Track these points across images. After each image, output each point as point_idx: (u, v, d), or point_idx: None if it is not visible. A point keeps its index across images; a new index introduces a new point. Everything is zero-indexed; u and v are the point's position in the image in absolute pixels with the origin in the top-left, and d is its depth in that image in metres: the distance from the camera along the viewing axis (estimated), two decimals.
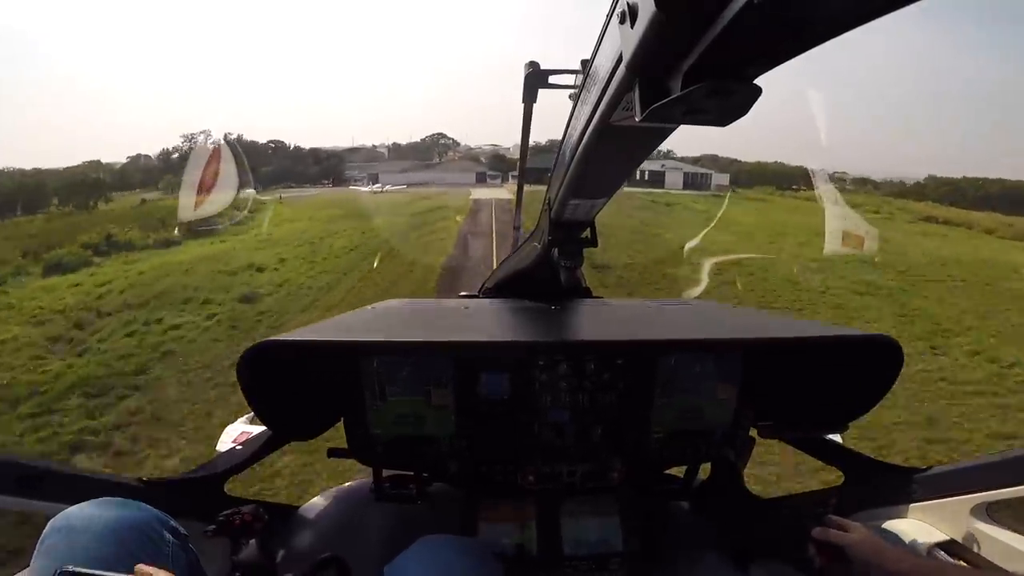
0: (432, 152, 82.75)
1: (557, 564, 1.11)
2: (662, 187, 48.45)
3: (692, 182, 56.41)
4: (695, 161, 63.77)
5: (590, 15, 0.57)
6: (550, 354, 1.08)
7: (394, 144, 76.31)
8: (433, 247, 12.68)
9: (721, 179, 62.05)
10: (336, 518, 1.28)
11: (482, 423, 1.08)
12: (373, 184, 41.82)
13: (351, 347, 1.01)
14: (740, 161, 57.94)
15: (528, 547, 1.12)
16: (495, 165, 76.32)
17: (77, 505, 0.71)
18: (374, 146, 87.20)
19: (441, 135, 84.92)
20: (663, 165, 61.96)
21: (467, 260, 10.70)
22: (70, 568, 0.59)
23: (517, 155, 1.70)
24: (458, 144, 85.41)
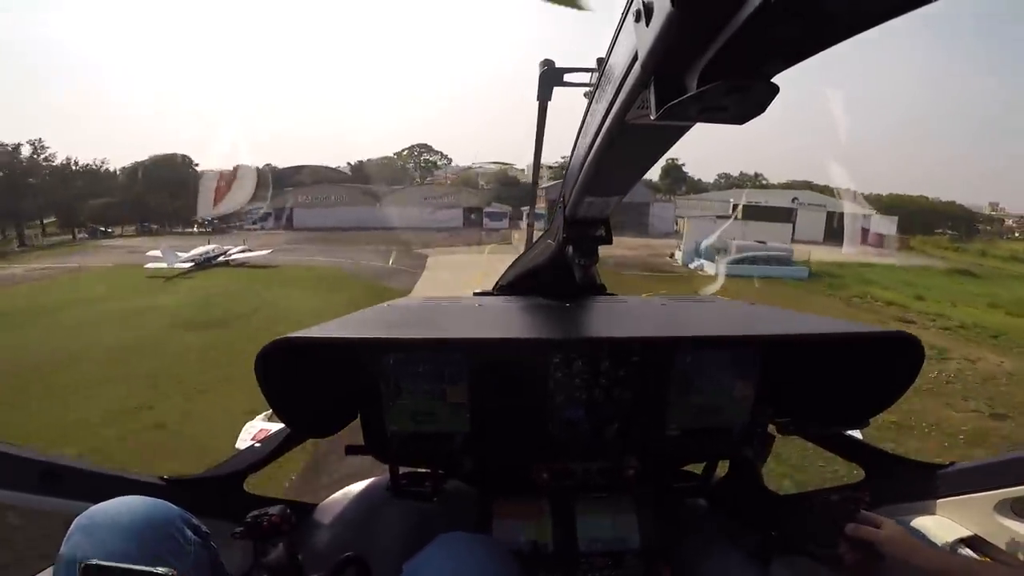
0: (407, 173, 48.08)
1: (573, 561, 1.23)
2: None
3: (833, 226, 38.96)
4: (786, 188, 46.16)
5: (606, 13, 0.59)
6: (565, 351, 1.21)
7: (357, 163, 43.85)
8: None
9: (882, 225, 40.32)
10: (354, 515, 1.40)
11: (497, 420, 1.22)
12: (201, 251, 23.98)
13: (367, 344, 1.15)
14: (852, 193, 41.71)
15: (543, 544, 1.25)
16: (503, 192, 53.80)
17: (101, 503, 0.81)
18: (352, 163, 66.33)
19: (424, 147, 53.58)
20: (795, 200, 42.59)
21: None
22: (94, 562, 0.66)
23: (533, 160, 1.87)
24: (449, 161, 53.01)
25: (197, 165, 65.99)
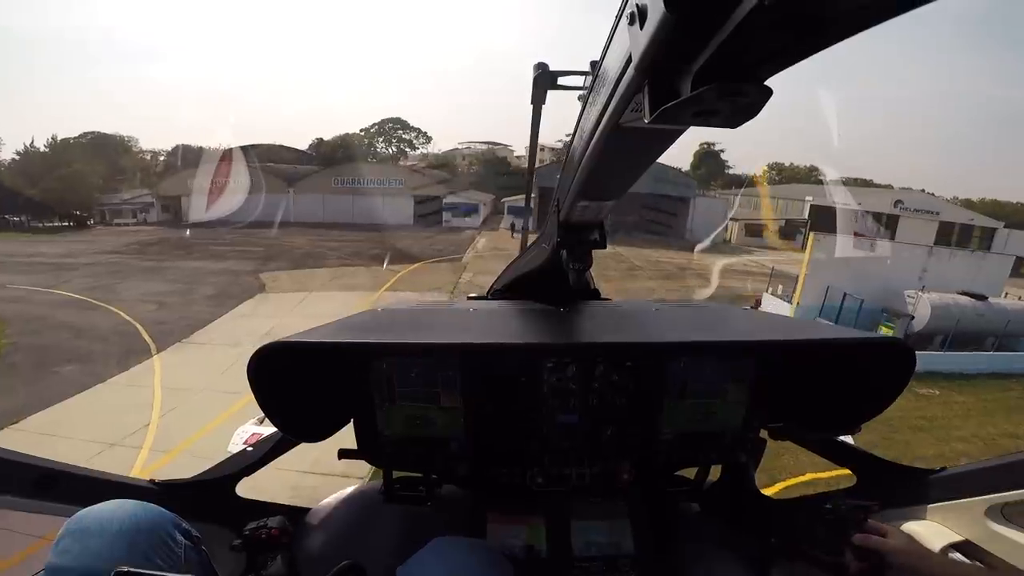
0: (375, 152, 29.23)
1: (567, 566, 1.31)
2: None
3: (947, 240, 29.33)
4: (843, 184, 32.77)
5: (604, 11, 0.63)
6: (559, 356, 1.31)
7: (316, 141, 26.04)
8: None
9: (1014, 243, 30.29)
10: (347, 520, 1.48)
11: (491, 425, 1.33)
12: None
13: (361, 348, 1.24)
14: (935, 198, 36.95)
15: (538, 549, 1.34)
16: (490, 179, 42.64)
17: (90, 507, 0.86)
18: (321, 139, 52.96)
19: (398, 123, 35.15)
20: (898, 205, 31.07)
21: None
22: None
23: (527, 162, 1.95)
24: (428, 140, 35.23)
25: (131, 143, 53.70)
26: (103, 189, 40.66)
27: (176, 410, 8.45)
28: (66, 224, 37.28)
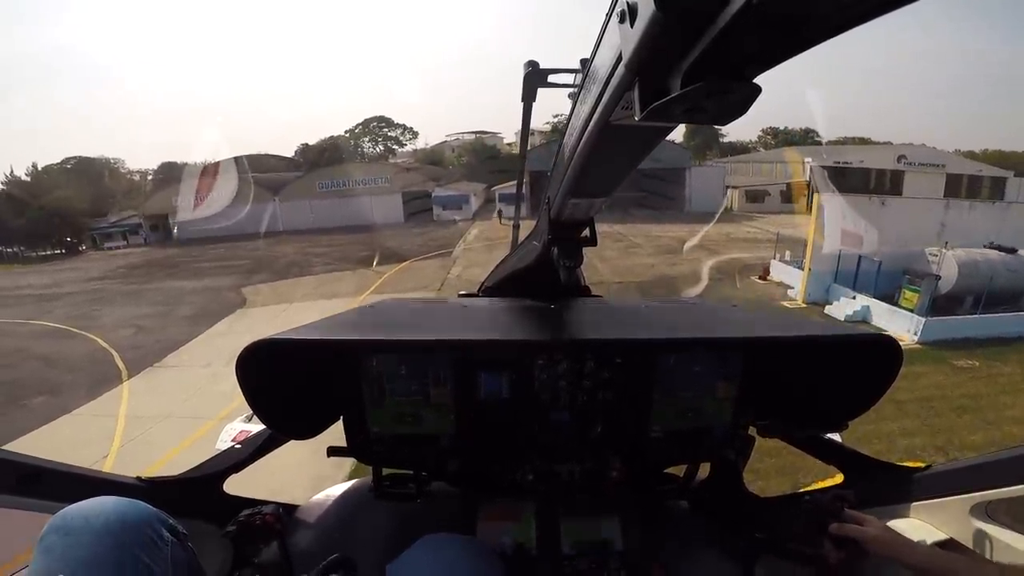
0: (362, 153, 28.24)
1: (556, 563, 1.35)
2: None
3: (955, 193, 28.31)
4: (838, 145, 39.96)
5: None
6: (549, 353, 1.31)
7: (302, 146, 25.97)
8: None
9: None
10: (337, 517, 1.50)
11: (481, 422, 1.34)
12: None
13: (350, 345, 1.25)
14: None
15: (527, 546, 1.37)
16: (477, 169, 43.10)
17: (75, 504, 0.87)
18: (307, 144, 53.16)
19: (383, 121, 34.42)
20: (902, 160, 30.23)
21: None
22: None
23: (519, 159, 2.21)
24: (415, 135, 34.24)
25: (117, 164, 54.13)
26: (91, 213, 39.79)
27: (136, 440, 8.14)
28: (58, 252, 36.84)
